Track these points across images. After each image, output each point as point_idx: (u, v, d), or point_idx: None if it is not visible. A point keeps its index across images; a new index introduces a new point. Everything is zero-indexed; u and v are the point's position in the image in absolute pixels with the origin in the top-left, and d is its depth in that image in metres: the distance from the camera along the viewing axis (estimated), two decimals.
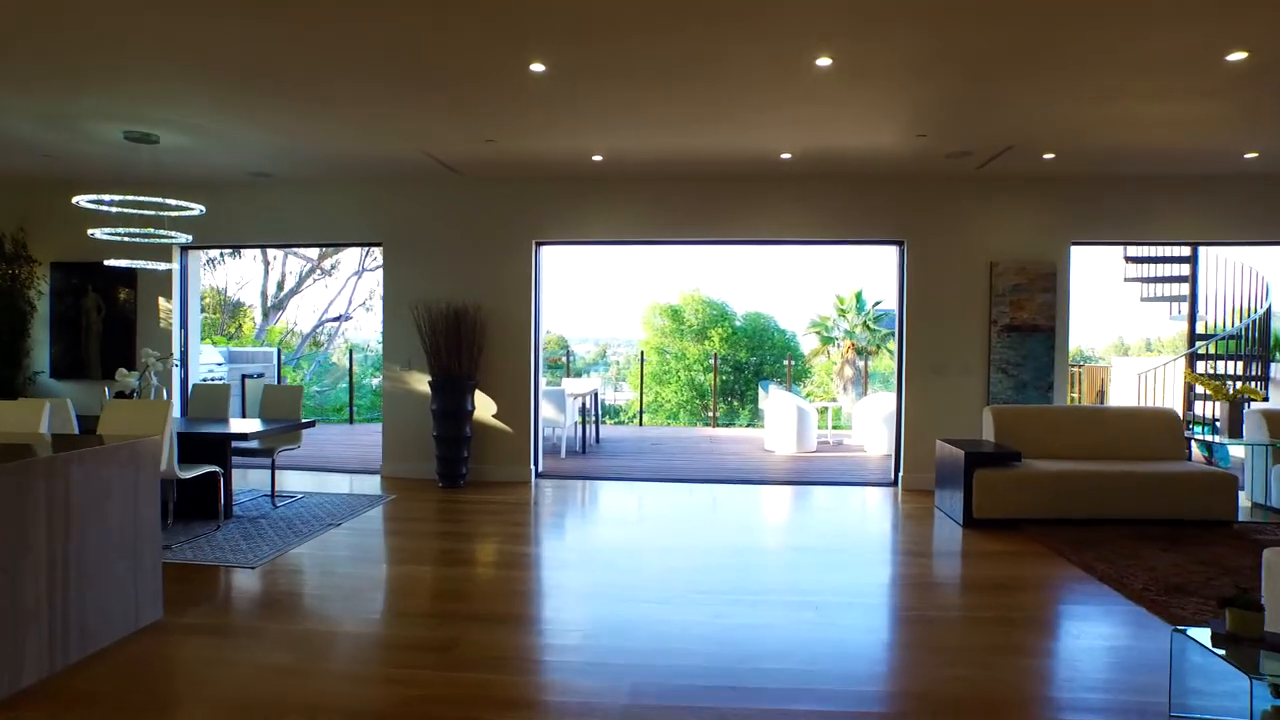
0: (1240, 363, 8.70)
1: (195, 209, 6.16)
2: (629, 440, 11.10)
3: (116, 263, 6.35)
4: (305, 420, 6.71)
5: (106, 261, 6.52)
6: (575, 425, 9.90)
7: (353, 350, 14.07)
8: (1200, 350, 8.95)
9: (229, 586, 4.40)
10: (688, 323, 18.51)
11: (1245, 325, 8.65)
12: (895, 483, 7.59)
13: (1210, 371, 8.87)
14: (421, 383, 7.65)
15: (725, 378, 17.69)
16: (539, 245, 7.79)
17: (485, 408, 7.69)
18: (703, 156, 6.68)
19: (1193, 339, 9.11)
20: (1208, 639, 2.62)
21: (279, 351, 12.88)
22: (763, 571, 4.85)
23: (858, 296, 17.74)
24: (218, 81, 4.87)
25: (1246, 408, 6.51)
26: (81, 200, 5.63)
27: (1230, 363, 8.82)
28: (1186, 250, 9.12)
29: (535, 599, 4.36)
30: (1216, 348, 8.80)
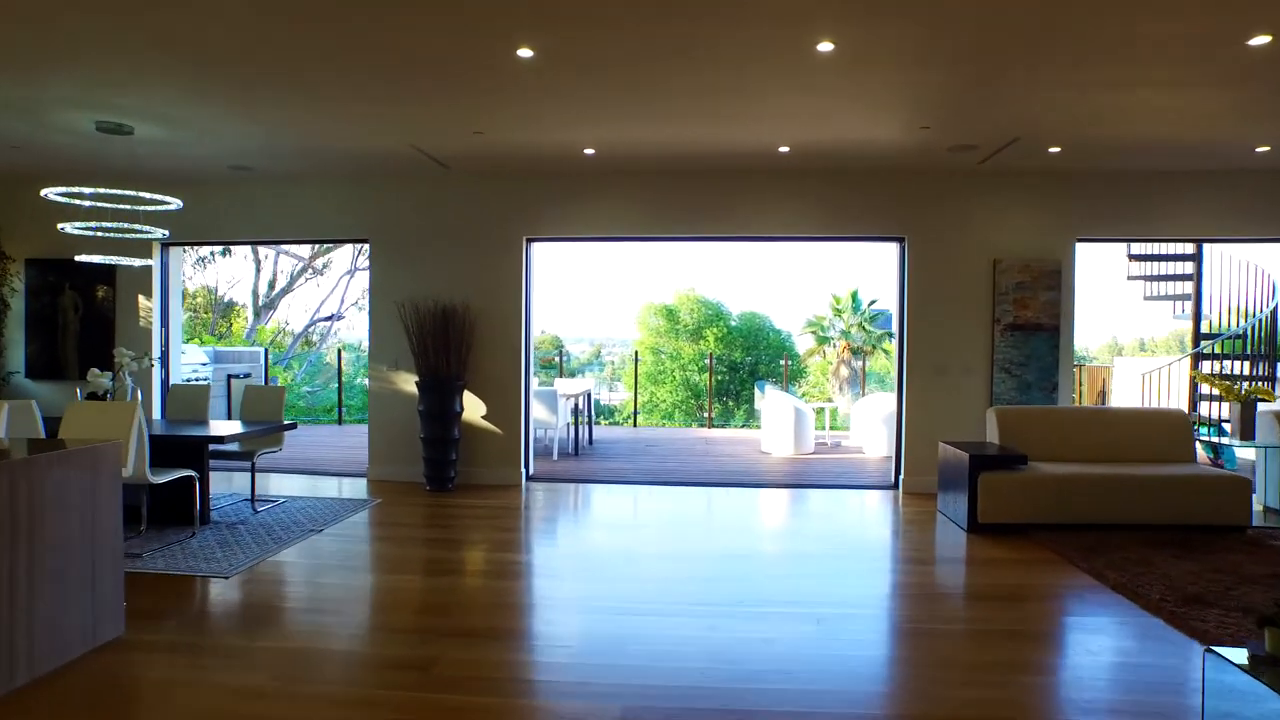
0: (1246, 362, 8.52)
1: (173, 203, 5.93)
2: (623, 442, 10.88)
3: (89, 258, 6.11)
4: (287, 422, 6.47)
5: (78, 257, 6.28)
6: (567, 426, 9.68)
7: (341, 350, 13.82)
8: (1204, 350, 8.77)
9: (199, 598, 4.17)
10: (683, 322, 18.32)
11: (1251, 324, 8.48)
12: (896, 485, 7.39)
13: (1213, 372, 8.68)
14: (409, 383, 7.43)
15: (720, 378, 17.50)
16: (530, 242, 7.57)
17: (474, 409, 7.47)
18: (698, 150, 6.47)
19: (1197, 338, 8.93)
20: (1246, 661, 2.42)
21: (266, 351, 12.64)
22: (761, 580, 4.64)
23: (853, 296, 17.56)
24: (189, 68, 4.64)
25: (1258, 409, 6.32)
26: (51, 193, 5.40)
27: (1236, 362, 8.64)
28: (1190, 248, 8.95)
29: (522, 612, 4.14)
30: (1223, 347, 8.61)
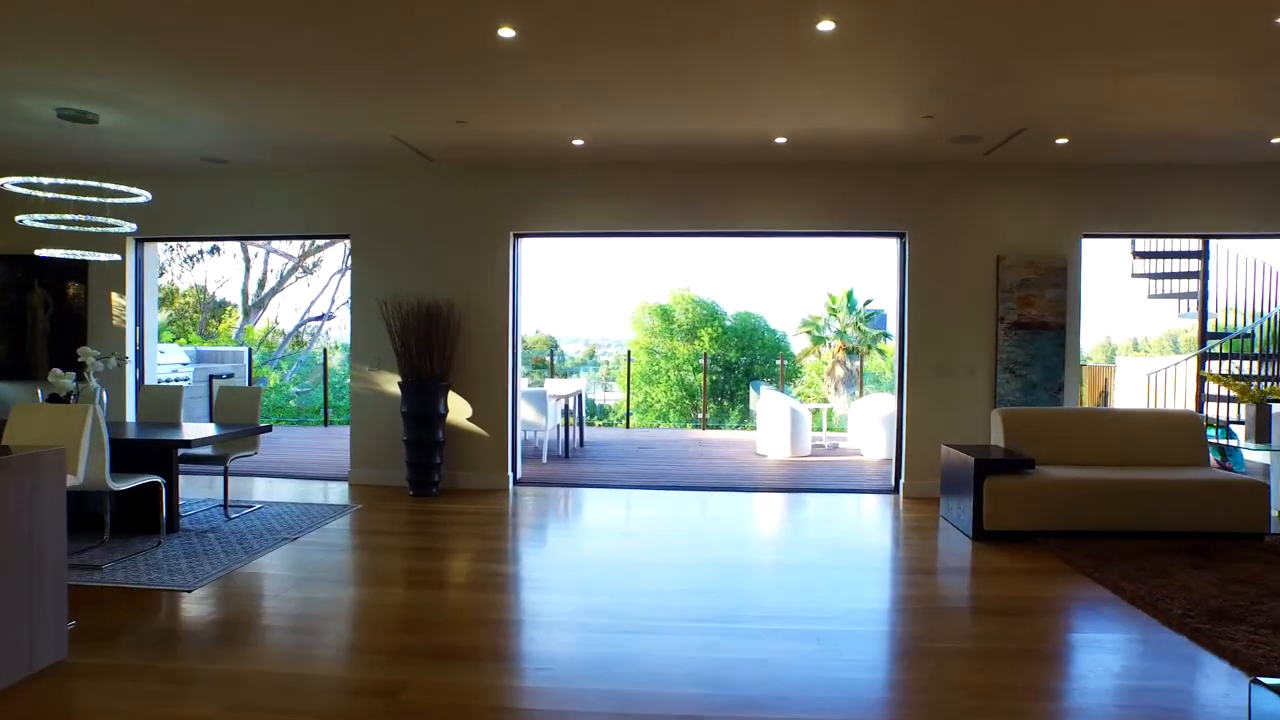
0: (1255, 362, 8.29)
1: (141, 195, 5.64)
2: (615, 444, 10.62)
3: (51, 253, 5.83)
4: (262, 425, 6.19)
5: (39, 252, 5.99)
6: (557, 428, 9.42)
7: (327, 350, 13.53)
8: (1210, 349, 8.55)
9: (156, 615, 3.90)
10: (677, 322, 18.10)
11: (1260, 323, 8.26)
12: (896, 490, 7.15)
13: (1222, 372, 8.46)
14: (391, 383, 7.16)
15: (715, 378, 17.27)
16: (517, 237, 7.30)
17: (459, 410, 7.20)
18: (691, 142, 6.21)
19: (1204, 338, 8.71)
20: None
21: (250, 351, 12.34)
22: (758, 593, 4.38)
23: (849, 295, 17.36)
24: (152, 52, 4.37)
25: (1273, 410, 6.09)
26: (5, 183, 5.11)
27: (1244, 362, 8.41)
28: (1197, 245, 8.73)
29: (504, 629, 3.88)
30: (1232, 346, 8.38)
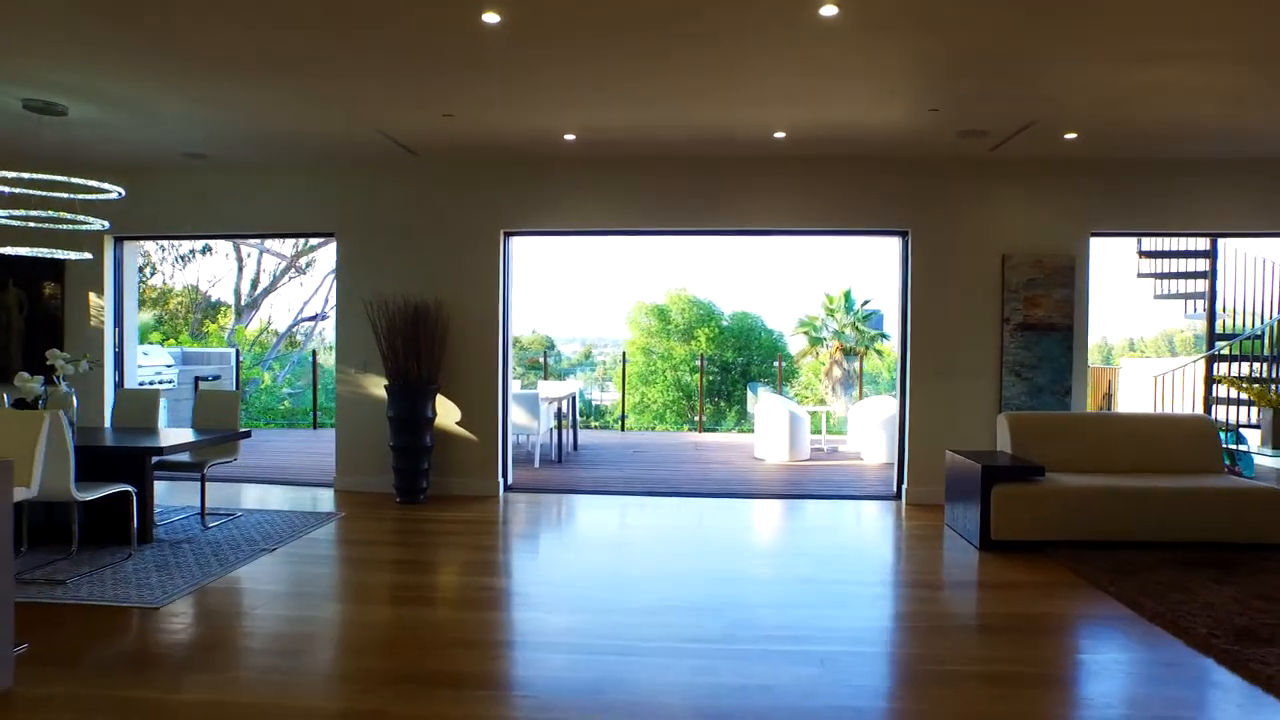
0: (1265, 364, 8.08)
1: (112, 191, 5.41)
2: (609, 447, 10.39)
3: (16, 251, 5.59)
4: (242, 430, 5.95)
5: (3, 250, 5.74)
6: (550, 432, 9.19)
7: (316, 351, 13.28)
8: (1217, 351, 8.34)
9: (118, 636, 3.66)
10: (674, 322, 17.89)
11: (1271, 323, 8.05)
12: (898, 496, 6.93)
13: (1234, 374, 8.25)
14: (378, 386, 6.92)
15: (711, 378, 17.07)
16: (507, 235, 7.07)
17: (448, 414, 6.97)
18: (687, 136, 5.99)
19: (1212, 339, 8.50)
20: None
21: (238, 352, 12.10)
22: (756, 610, 4.16)
23: (846, 296, 17.16)
24: (120, 40, 4.13)
25: None
26: None
27: (1254, 364, 8.21)
28: (1205, 244, 8.53)
29: (488, 650, 3.65)
30: (1242, 348, 8.17)
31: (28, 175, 4.90)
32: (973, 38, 4.08)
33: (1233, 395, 8.00)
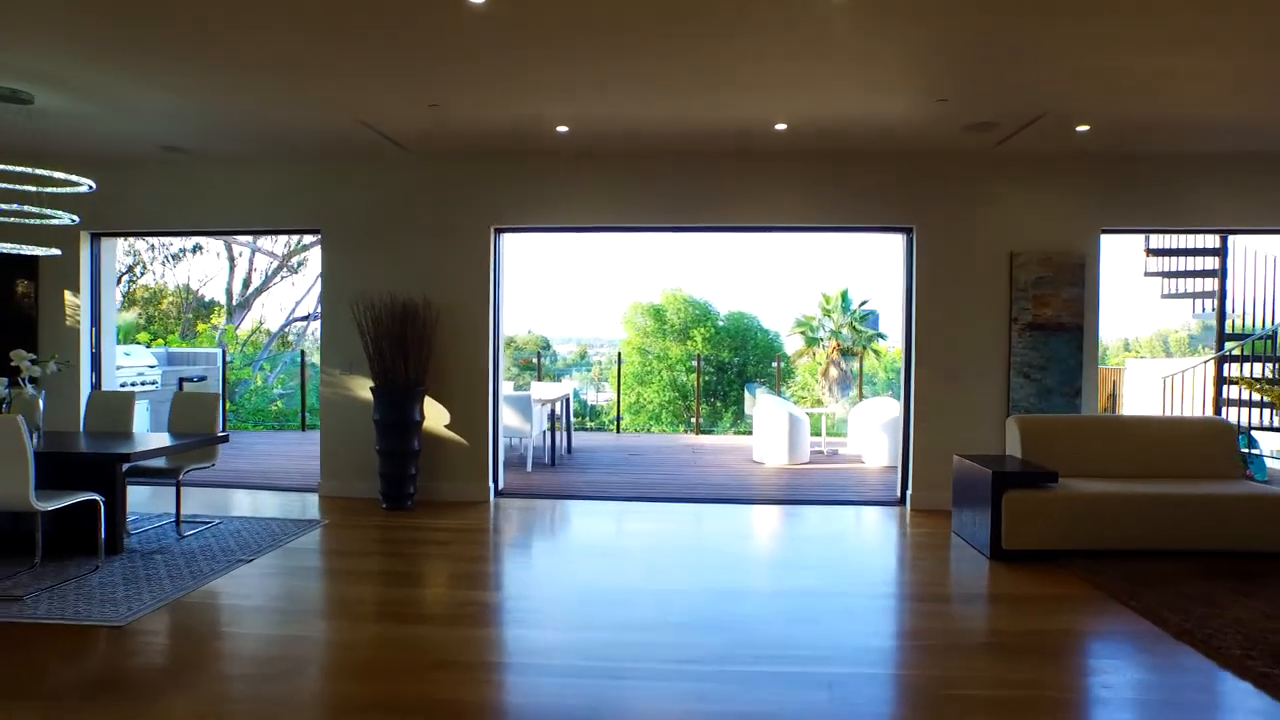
0: (1277, 365, 7.87)
1: (83, 184, 5.16)
2: (604, 450, 10.15)
3: None
4: (220, 434, 5.70)
5: None
6: (544, 434, 8.95)
7: (305, 351, 13.01)
8: (1228, 352, 8.13)
9: (75, 658, 3.41)
10: (670, 322, 17.67)
11: None
12: (903, 501, 6.70)
13: (1245, 375, 8.04)
14: (364, 388, 6.67)
15: (707, 378, 16.85)
16: (499, 232, 6.83)
17: (437, 417, 6.72)
18: (686, 128, 5.75)
19: (1221, 339, 8.29)
20: None
21: (224, 353, 11.82)
22: (757, 627, 3.92)
23: (843, 295, 16.97)
24: (86, 21, 3.88)
25: None
26: None
27: (1266, 365, 7.99)
28: (1215, 241, 8.32)
29: (470, 673, 3.41)
30: (1255, 348, 7.96)
31: None
32: (986, 20, 3.85)
33: (1244, 397, 7.80)
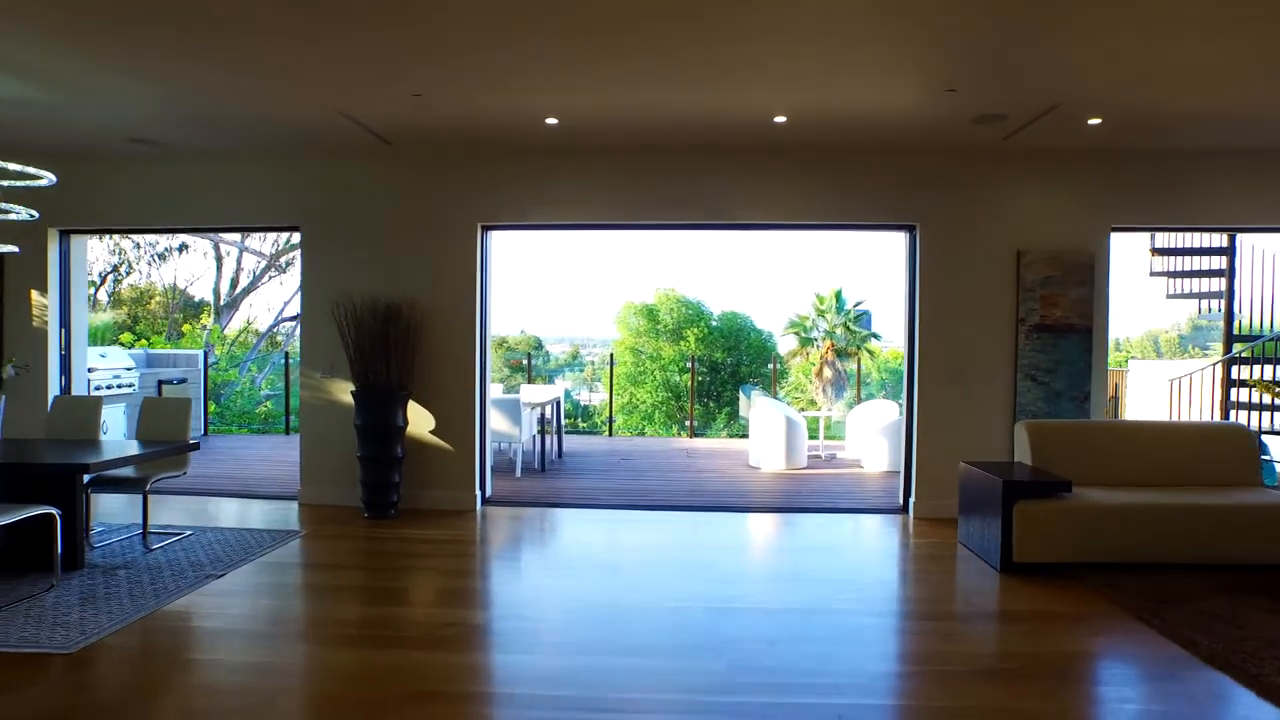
0: None
1: (43, 177, 4.85)
2: (596, 454, 9.88)
3: None
4: (190, 442, 5.41)
5: None
6: (533, 438, 8.68)
7: (289, 353, 12.70)
8: (1237, 354, 7.92)
9: (12, 691, 3.13)
10: (663, 322, 17.42)
11: None
12: (905, 509, 6.46)
13: (1260, 378, 7.82)
14: (345, 392, 6.39)
15: (701, 379, 16.60)
16: (486, 230, 6.55)
17: (421, 422, 6.44)
18: (680, 120, 5.49)
19: (1229, 340, 8.08)
20: None
21: (206, 354, 11.50)
22: (759, 650, 3.66)
23: (837, 296, 16.75)
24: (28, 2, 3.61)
25: None
26: None
27: (1275, 367, 7.79)
28: (1224, 240, 8.11)
29: (451, 706, 3.13)
30: (1266, 349, 7.74)
31: None
32: (1001, 8, 3.61)
33: (1254, 400, 7.59)
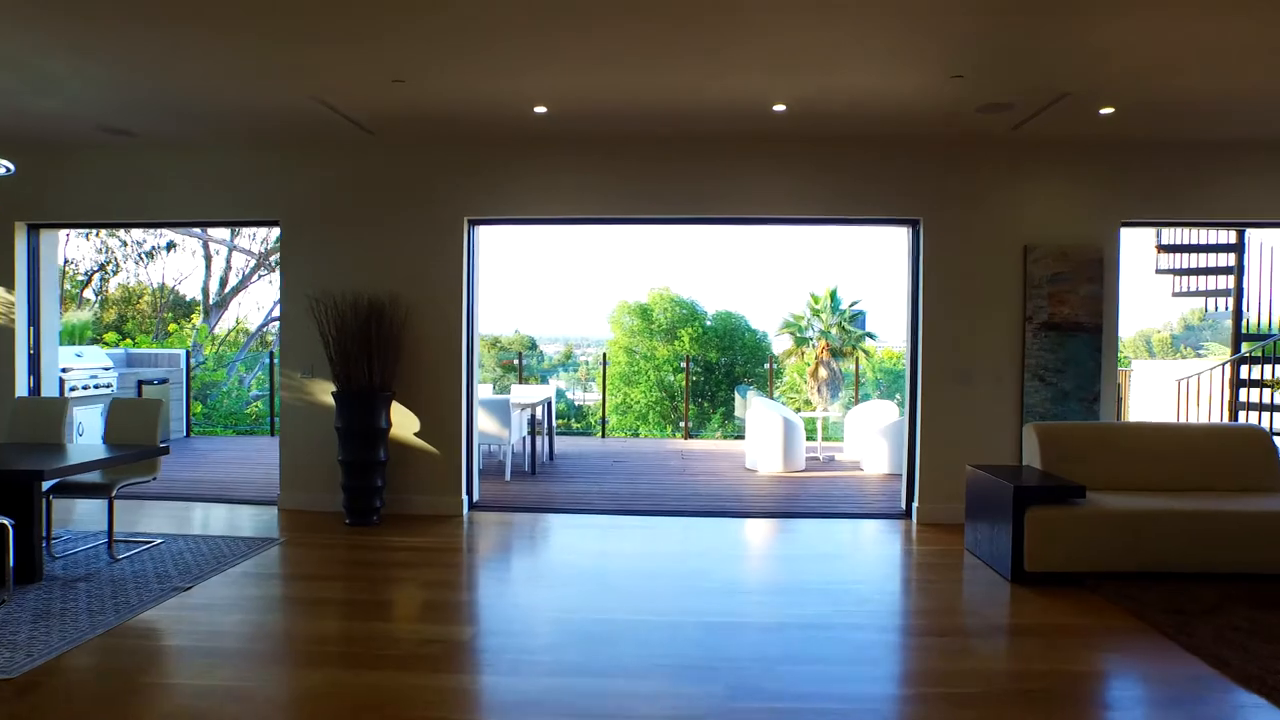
0: None
1: None
2: (588, 457, 9.63)
3: None
4: (160, 446, 5.14)
5: None
6: (523, 440, 8.43)
7: (274, 353, 12.42)
8: (1248, 353, 7.72)
9: None
10: (657, 322, 17.20)
11: None
12: (908, 514, 6.23)
13: (1267, 378, 7.63)
14: (326, 394, 6.13)
15: (695, 379, 16.39)
16: (473, 224, 6.30)
17: (405, 424, 6.19)
18: (675, 109, 5.25)
19: (1238, 339, 7.89)
20: None
21: (188, 354, 11.21)
22: (759, 671, 3.41)
23: (832, 295, 16.54)
24: None
25: None
26: None
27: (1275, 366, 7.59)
28: (1232, 237, 7.91)
29: None
30: (1278, 349, 7.55)
31: None
32: None
33: (1264, 400, 7.39)
